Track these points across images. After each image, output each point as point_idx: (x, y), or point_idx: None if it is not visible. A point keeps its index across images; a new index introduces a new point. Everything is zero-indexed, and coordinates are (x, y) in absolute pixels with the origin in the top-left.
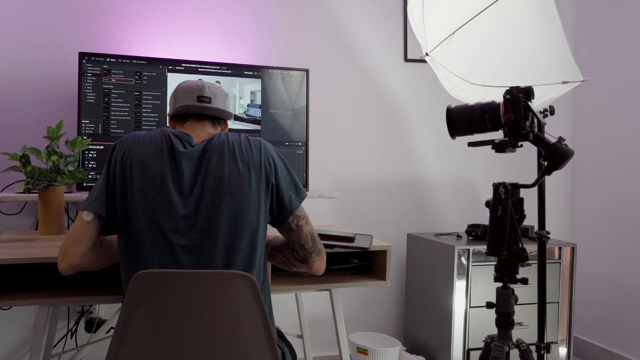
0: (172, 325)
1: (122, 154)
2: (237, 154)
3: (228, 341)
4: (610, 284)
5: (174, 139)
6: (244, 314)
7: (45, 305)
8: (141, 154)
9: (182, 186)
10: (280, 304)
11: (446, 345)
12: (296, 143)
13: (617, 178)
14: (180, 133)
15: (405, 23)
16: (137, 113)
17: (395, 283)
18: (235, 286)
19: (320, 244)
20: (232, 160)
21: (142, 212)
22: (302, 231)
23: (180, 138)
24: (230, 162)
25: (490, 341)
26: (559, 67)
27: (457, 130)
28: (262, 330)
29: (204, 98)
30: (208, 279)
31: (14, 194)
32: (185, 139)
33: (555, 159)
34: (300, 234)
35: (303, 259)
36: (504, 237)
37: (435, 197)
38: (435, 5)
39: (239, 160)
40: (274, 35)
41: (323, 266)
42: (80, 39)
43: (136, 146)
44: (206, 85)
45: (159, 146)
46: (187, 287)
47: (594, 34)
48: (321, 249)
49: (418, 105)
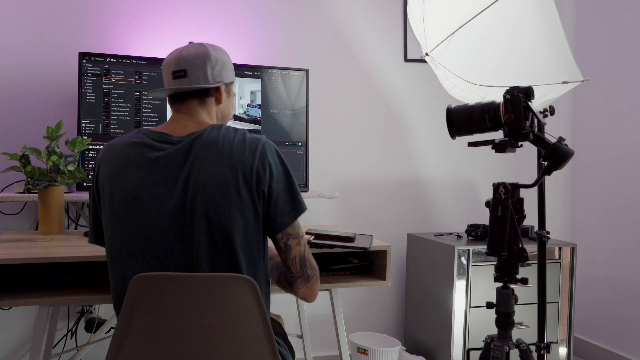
0: (172, 326)
1: (96, 171)
2: (226, 156)
3: (228, 343)
4: (610, 284)
5: (147, 142)
6: (244, 317)
7: (45, 305)
8: (110, 168)
9: (155, 198)
10: (280, 304)
11: (446, 345)
12: (296, 143)
13: (617, 178)
14: (155, 133)
15: (405, 23)
16: (137, 113)
17: (395, 283)
18: (235, 289)
19: (311, 270)
20: (218, 163)
21: (113, 239)
22: (291, 252)
23: (153, 139)
24: (215, 165)
25: (490, 341)
26: (559, 67)
27: (457, 130)
28: (262, 333)
29: (178, 73)
30: (208, 282)
31: (14, 194)
32: (160, 139)
33: (555, 159)
34: (288, 255)
35: (289, 282)
36: (504, 237)
37: (435, 197)
38: (435, 5)
39: (226, 163)
40: (274, 35)
41: (311, 295)
42: (80, 39)
43: (105, 160)
44: (180, 55)
45: (125, 156)
46: (186, 290)
47: (594, 34)
48: (310, 276)
49: (418, 105)
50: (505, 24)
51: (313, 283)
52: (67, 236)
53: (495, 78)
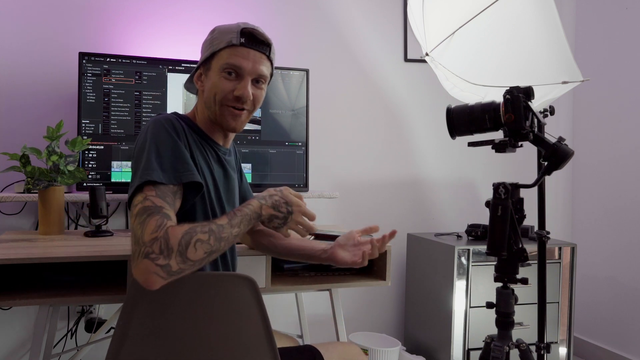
0: (172, 326)
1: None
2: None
3: (228, 342)
4: (610, 284)
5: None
6: (244, 316)
7: (45, 305)
8: None
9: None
10: (280, 304)
11: (446, 345)
12: (296, 143)
13: (617, 178)
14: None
15: (405, 23)
16: (137, 113)
17: (395, 283)
18: (235, 288)
19: (135, 245)
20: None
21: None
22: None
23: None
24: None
25: (490, 341)
26: (559, 67)
27: (457, 130)
28: (262, 331)
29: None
30: (208, 281)
31: (14, 194)
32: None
33: (555, 159)
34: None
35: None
36: (504, 237)
37: (435, 197)
38: (435, 5)
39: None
40: (274, 35)
41: (137, 274)
42: (80, 39)
43: None
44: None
45: None
46: (187, 289)
47: (594, 34)
48: (133, 251)
49: (418, 105)
50: (505, 24)
51: (136, 262)
52: (67, 236)
53: (495, 78)
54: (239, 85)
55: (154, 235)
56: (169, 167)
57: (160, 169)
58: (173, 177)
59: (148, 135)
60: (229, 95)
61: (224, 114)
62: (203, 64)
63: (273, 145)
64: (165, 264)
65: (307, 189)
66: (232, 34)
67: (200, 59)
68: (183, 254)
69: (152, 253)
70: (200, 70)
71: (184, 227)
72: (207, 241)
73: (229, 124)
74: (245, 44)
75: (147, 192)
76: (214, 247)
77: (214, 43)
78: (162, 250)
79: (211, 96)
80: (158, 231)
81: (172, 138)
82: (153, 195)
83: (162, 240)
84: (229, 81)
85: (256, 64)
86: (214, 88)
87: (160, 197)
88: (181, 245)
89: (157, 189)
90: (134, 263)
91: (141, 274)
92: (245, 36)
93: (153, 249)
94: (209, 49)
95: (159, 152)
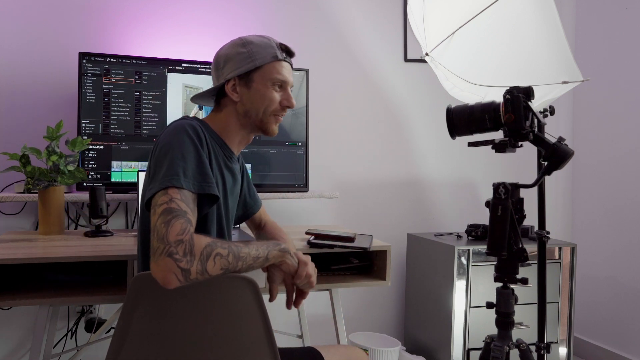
0: (172, 326)
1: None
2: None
3: (228, 343)
4: (610, 284)
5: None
6: (245, 316)
7: (45, 305)
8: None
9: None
10: (281, 304)
11: (446, 345)
12: (296, 143)
13: (617, 178)
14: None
15: (405, 23)
16: (137, 113)
17: (395, 283)
18: (236, 288)
19: (157, 241)
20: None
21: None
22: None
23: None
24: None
25: (490, 341)
26: (559, 67)
27: (457, 130)
28: (262, 332)
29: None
30: (208, 281)
31: (14, 194)
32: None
33: (555, 159)
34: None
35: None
36: (504, 237)
37: (435, 197)
38: (435, 5)
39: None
40: (273, 35)
41: (157, 272)
42: (80, 39)
43: None
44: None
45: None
46: (187, 289)
47: (594, 34)
48: (155, 248)
49: (418, 105)
50: (505, 24)
51: (158, 258)
52: (67, 236)
53: (495, 78)
54: (284, 95)
55: (179, 237)
56: (191, 176)
57: (184, 176)
58: (194, 186)
59: (172, 139)
60: (279, 105)
61: (270, 122)
62: (239, 76)
63: (273, 145)
64: (187, 268)
65: (307, 189)
66: (273, 49)
67: (234, 70)
68: (203, 264)
69: (176, 254)
70: (233, 81)
71: (208, 239)
72: (226, 257)
73: (273, 130)
74: (286, 58)
75: (172, 194)
76: (231, 264)
77: (255, 57)
78: (185, 253)
79: (261, 107)
80: (184, 235)
81: (196, 147)
82: (178, 199)
83: (187, 245)
84: (277, 93)
85: (290, 75)
86: (264, 100)
87: (184, 202)
88: (203, 255)
89: (182, 193)
90: (154, 258)
91: (161, 270)
92: (285, 51)
93: (177, 250)
94: (250, 62)
95: (184, 159)
